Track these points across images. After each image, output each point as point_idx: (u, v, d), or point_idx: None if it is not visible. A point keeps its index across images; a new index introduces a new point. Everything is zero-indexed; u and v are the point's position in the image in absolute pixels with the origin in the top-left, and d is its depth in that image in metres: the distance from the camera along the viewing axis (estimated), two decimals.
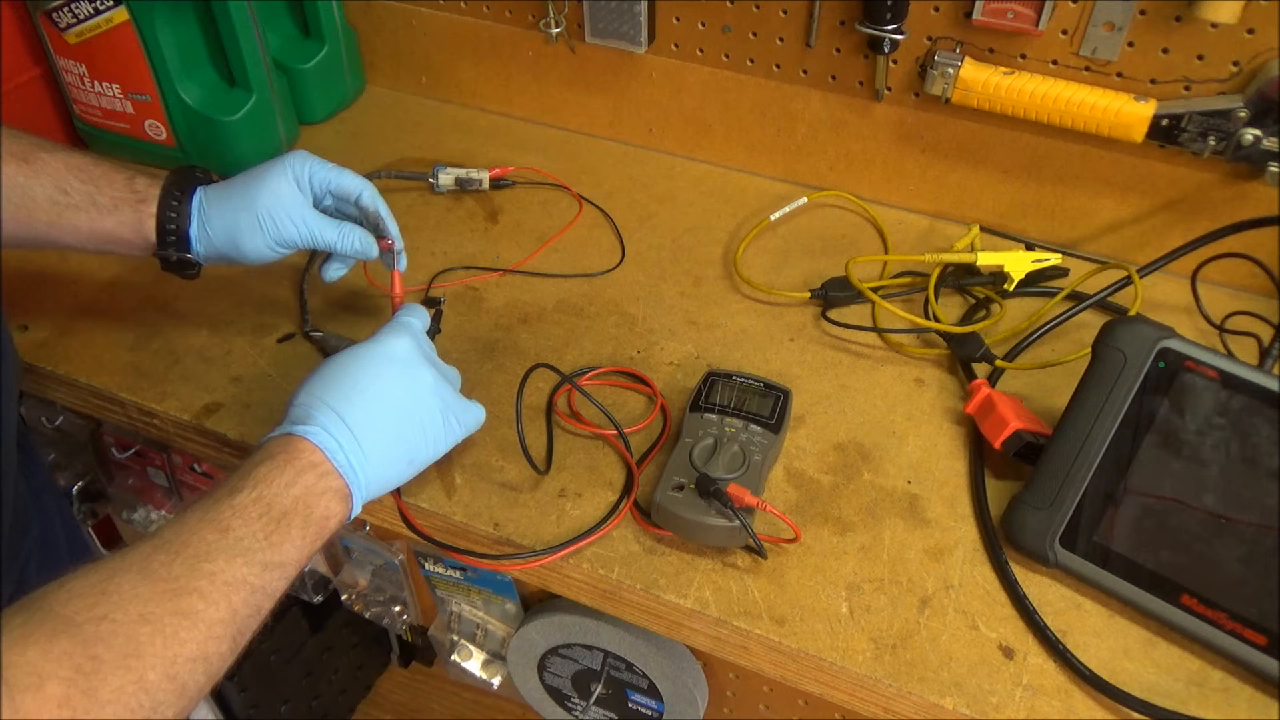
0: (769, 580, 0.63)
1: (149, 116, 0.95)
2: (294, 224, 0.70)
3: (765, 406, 0.71)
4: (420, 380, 0.61)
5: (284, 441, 0.56)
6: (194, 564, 0.49)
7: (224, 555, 0.50)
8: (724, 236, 0.92)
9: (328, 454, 0.56)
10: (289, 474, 0.54)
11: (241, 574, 0.50)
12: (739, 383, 0.72)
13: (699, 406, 0.71)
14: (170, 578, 0.48)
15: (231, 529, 0.51)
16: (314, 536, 0.54)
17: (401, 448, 0.60)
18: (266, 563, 0.51)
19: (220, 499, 0.52)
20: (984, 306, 0.82)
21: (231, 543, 0.51)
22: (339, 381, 0.59)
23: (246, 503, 0.52)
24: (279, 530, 0.52)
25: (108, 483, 1.00)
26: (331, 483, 0.56)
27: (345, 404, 0.58)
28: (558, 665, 1.00)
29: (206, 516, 0.51)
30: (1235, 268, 0.78)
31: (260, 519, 0.52)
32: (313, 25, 1.03)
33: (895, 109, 0.89)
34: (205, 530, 0.51)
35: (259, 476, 0.53)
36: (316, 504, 0.54)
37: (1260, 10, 0.71)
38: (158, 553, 0.49)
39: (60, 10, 0.89)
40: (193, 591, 0.48)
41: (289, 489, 0.54)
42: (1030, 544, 0.63)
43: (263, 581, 0.51)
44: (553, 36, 0.98)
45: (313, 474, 0.55)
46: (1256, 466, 0.57)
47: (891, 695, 0.59)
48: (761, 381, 0.73)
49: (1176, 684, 0.58)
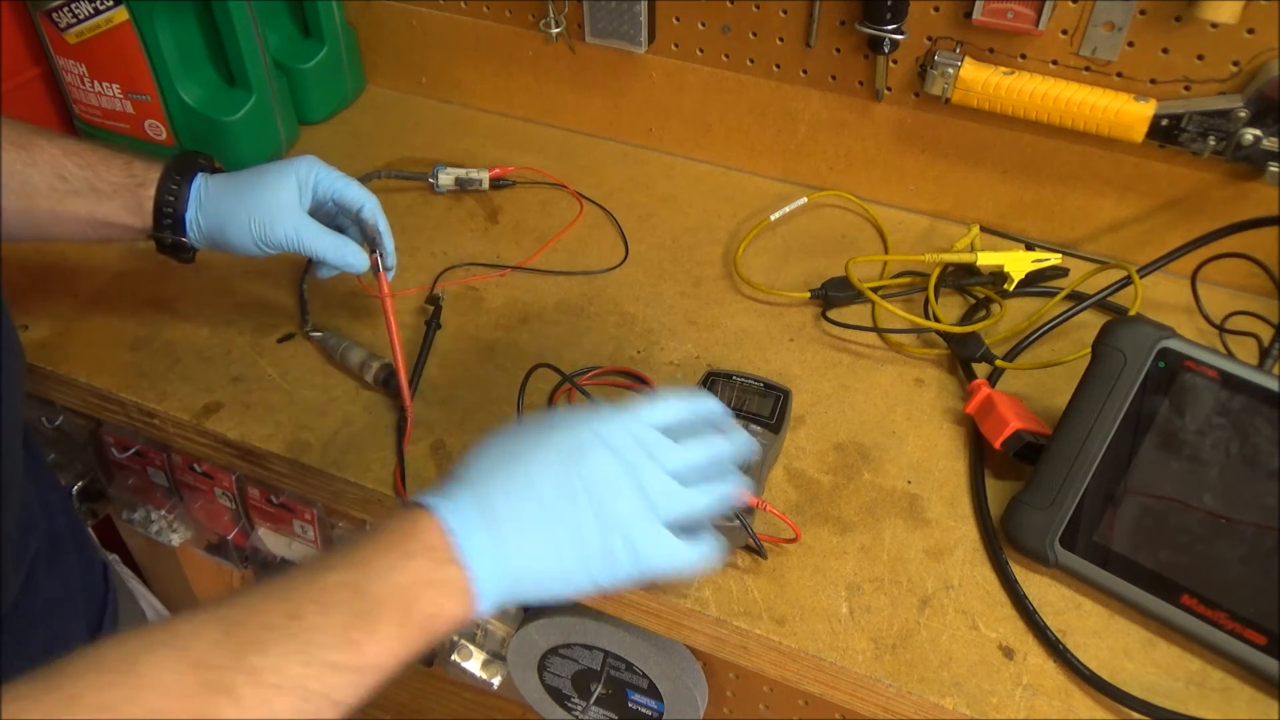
0: (769, 580, 0.63)
1: (149, 116, 0.95)
2: (283, 230, 0.69)
3: (765, 406, 0.70)
4: (592, 492, 0.48)
5: (408, 516, 0.47)
6: (240, 654, 0.40)
7: (280, 648, 0.41)
8: (724, 236, 0.92)
9: (454, 538, 0.46)
10: (395, 555, 0.45)
11: (296, 675, 0.41)
12: (739, 382, 0.72)
13: None
14: (207, 665, 0.40)
15: (304, 615, 0.42)
16: (411, 639, 0.44)
17: (554, 560, 0.48)
18: (335, 664, 0.42)
19: (312, 572, 0.44)
20: (984, 306, 0.82)
21: (298, 632, 0.41)
22: (503, 462, 0.49)
23: (333, 585, 0.43)
24: (362, 625, 0.43)
25: (108, 483, 1.00)
26: (448, 574, 0.45)
27: (497, 487, 0.48)
28: (558, 665, 1.00)
29: (283, 593, 0.43)
30: (1235, 268, 0.78)
31: (342, 607, 0.43)
32: (313, 25, 1.03)
33: (895, 109, 0.89)
34: (273, 610, 0.42)
35: (361, 557, 0.45)
36: (421, 596, 0.44)
37: (1260, 10, 0.71)
38: (212, 624, 0.41)
39: (60, 10, 0.89)
40: (225, 690, 0.39)
41: (389, 573, 0.44)
42: (1030, 544, 0.63)
43: (325, 686, 0.41)
44: (553, 36, 0.98)
45: (425, 559, 0.45)
46: (1256, 466, 0.57)
47: (891, 695, 0.59)
48: (761, 381, 0.73)
49: (1176, 684, 0.58)
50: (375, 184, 0.97)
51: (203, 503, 0.94)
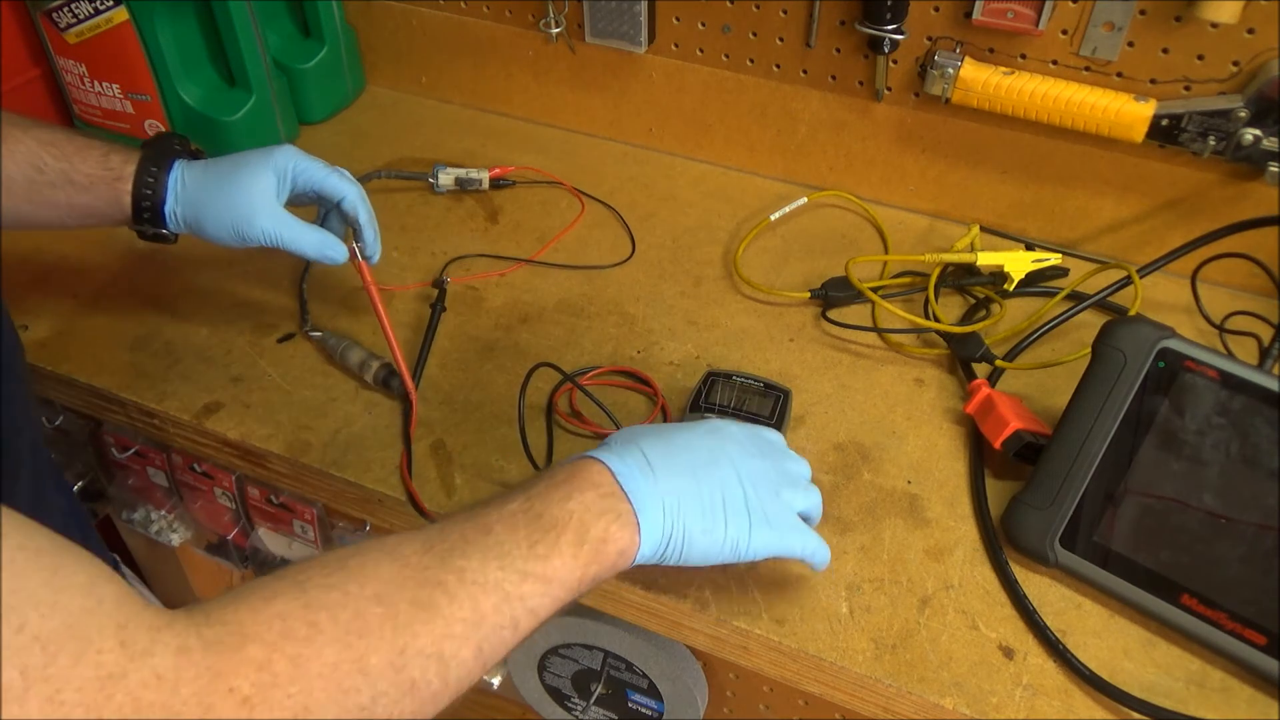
0: (769, 580, 0.63)
1: (149, 116, 0.95)
2: (261, 226, 0.68)
3: (765, 406, 0.71)
4: (735, 462, 0.55)
5: (571, 464, 0.52)
6: (445, 558, 0.46)
7: (479, 554, 0.46)
8: (724, 236, 0.92)
9: (618, 477, 0.51)
10: (565, 489, 0.50)
11: (495, 577, 0.46)
12: (739, 382, 0.72)
13: (699, 406, 0.70)
14: (418, 565, 0.45)
15: (493, 531, 0.48)
16: (589, 558, 0.49)
17: (703, 511, 0.53)
18: (526, 572, 0.47)
19: (491, 506, 0.50)
20: (984, 306, 0.82)
21: (491, 544, 0.47)
22: (651, 432, 0.55)
23: (515, 510, 0.49)
24: (546, 540, 0.48)
25: (108, 483, 1.00)
26: (614, 504, 0.50)
27: (652, 446, 0.53)
28: (558, 665, 1.00)
29: (471, 518, 0.49)
30: (1235, 268, 0.78)
31: (526, 526, 0.48)
32: (313, 25, 1.03)
33: (895, 109, 0.88)
34: (466, 528, 0.48)
35: (535, 491, 0.50)
36: (594, 523, 0.49)
37: (1260, 10, 0.71)
38: (412, 542, 0.46)
39: (60, 10, 0.89)
40: (437, 584, 0.44)
41: (564, 503, 0.49)
42: (1030, 544, 0.63)
43: (520, 591, 0.46)
44: (553, 36, 0.98)
45: (593, 493, 0.50)
46: (1256, 466, 0.57)
47: (891, 695, 0.59)
48: (761, 382, 0.73)
49: (1176, 684, 0.58)
50: (375, 184, 0.97)
51: (203, 503, 0.94)
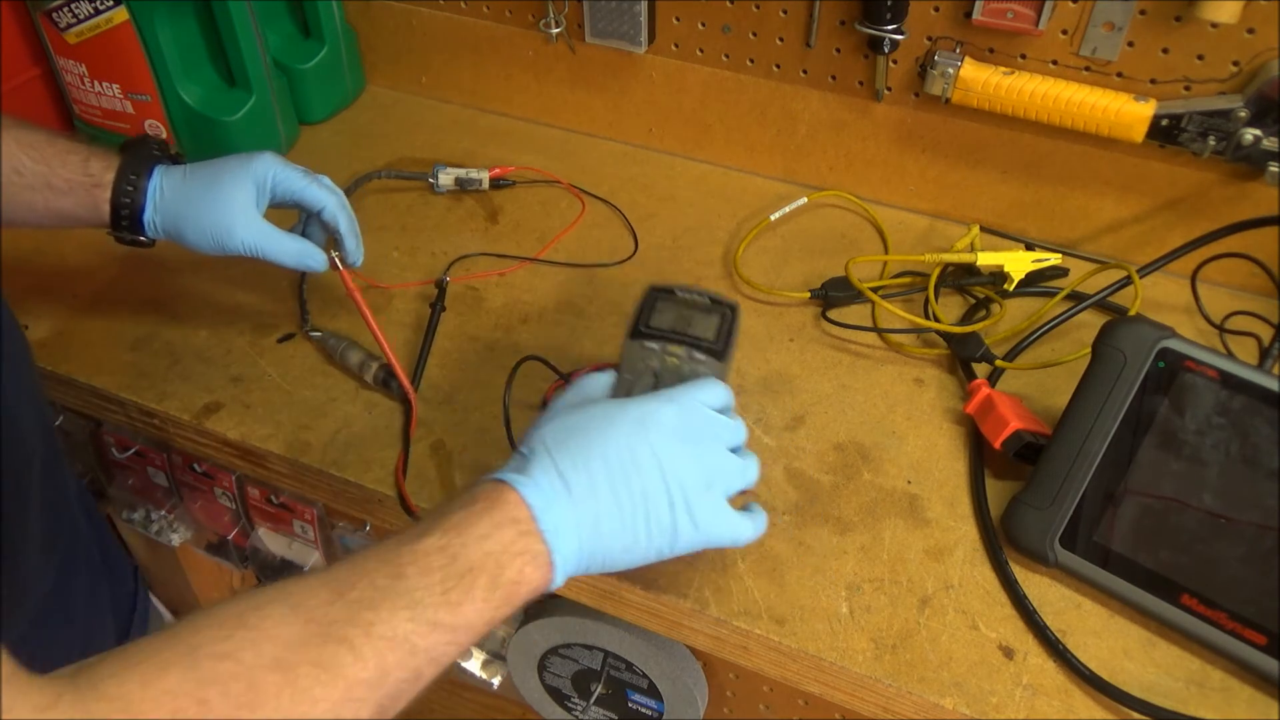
0: (769, 580, 0.63)
1: (149, 116, 0.95)
2: (241, 237, 0.68)
3: (710, 327, 0.61)
4: (661, 460, 0.51)
5: (492, 488, 0.50)
6: (354, 610, 0.43)
7: (389, 604, 0.44)
8: (724, 236, 0.92)
9: (534, 511, 0.49)
10: (484, 525, 0.48)
11: (404, 630, 0.44)
12: (683, 298, 0.63)
13: (639, 332, 0.62)
14: (324, 620, 0.42)
15: (406, 575, 0.45)
16: (499, 602, 0.47)
17: (622, 530, 0.51)
18: (436, 622, 0.45)
19: (406, 540, 0.47)
20: (984, 306, 0.82)
21: (403, 591, 0.45)
22: (573, 435, 0.52)
23: (431, 549, 0.46)
24: (459, 587, 0.46)
25: (108, 483, 1.00)
26: (531, 545, 0.48)
27: (570, 461, 0.51)
28: (558, 665, 1.00)
29: (385, 557, 0.46)
30: (1235, 268, 0.78)
31: (440, 570, 0.46)
32: (313, 25, 1.03)
33: (895, 109, 0.88)
34: (378, 572, 0.45)
35: (452, 524, 0.48)
36: (509, 565, 0.48)
37: (1260, 10, 0.71)
38: (321, 588, 0.44)
39: (60, 10, 0.89)
40: (342, 641, 0.42)
41: (481, 543, 0.47)
42: (1030, 544, 0.63)
43: (428, 643, 0.45)
44: (553, 36, 0.98)
45: (512, 530, 0.48)
46: (1256, 466, 0.57)
47: (891, 695, 0.59)
48: (708, 296, 0.63)
49: (1176, 684, 0.58)
50: (375, 184, 0.97)
51: (203, 503, 0.94)
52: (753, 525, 0.55)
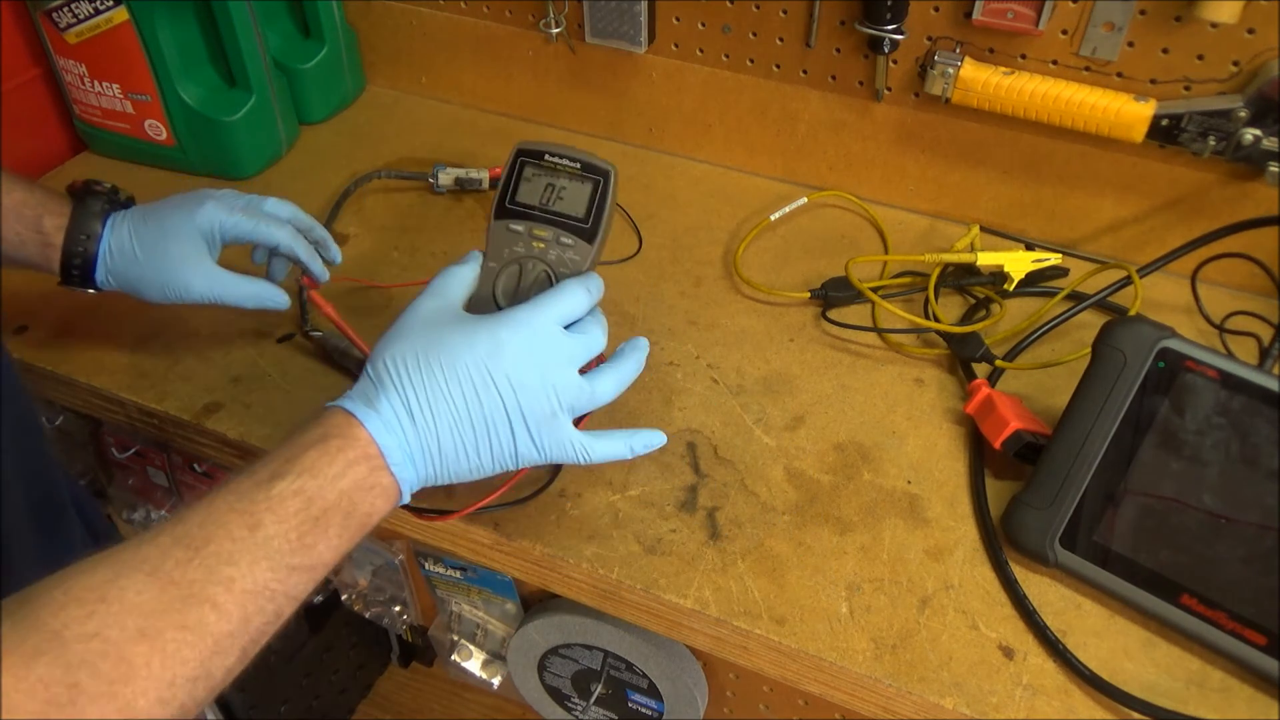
0: (769, 580, 0.63)
1: (149, 116, 0.95)
2: (199, 290, 0.69)
3: (579, 202, 0.54)
4: (505, 389, 0.52)
5: (343, 423, 0.50)
6: (212, 566, 0.44)
7: (248, 557, 0.45)
8: (724, 236, 0.92)
9: (383, 449, 0.50)
10: (339, 464, 0.49)
11: (264, 579, 0.45)
12: (553, 165, 0.56)
13: (504, 210, 0.56)
14: (183, 581, 0.43)
15: (262, 525, 0.46)
16: (352, 535, 0.50)
17: (465, 454, 0.53)
18: (294, 566, 0.47)
19: (260, 482, 0.48)
20: (984, 306, 0.82)
21: (259, 541, 0.46)
22: (422, 361, 0.52)
23: (286, 493, 0.47)
24: (315, 529, 0.48)
25: (108, 483, 1.00)
26: (382, 479, 0.51)
27: (415, 392, 0.51)
28: (558, 665, 1.00)
29: (238, 505, 0.47)
30: (1235, 268, 0.78)
31: (296, 515, 0.47)
32: (313, 25, 1.03)
33: (895, 109, 0.89)
34: (233, 523, 0.46)
35: (306, 465, 0.48)
36: (362, 500, 0.50)
37: (1260, 10, 0.71)
38: (176, 547, 0.44)
39: (60, 10, 0.89)
40: (205, 601, 0.43)
41: (336, 482, 0.49)
42: (1030, 544, 0.63)
43: (286, 586, 0.47)
44: (553, 36, 0.98)
45: (365, 467, 0.50)
46: (1256, 466, 0.57)
47: (891, 695, 0.59)
48: (580, 161, 0.56)
49: (1176, 684, 0.58)
50: (375, 184, 0.97)
51: None
52: (603, 447, 0.56)
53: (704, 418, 0.74)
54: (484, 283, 0.56)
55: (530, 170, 0.56)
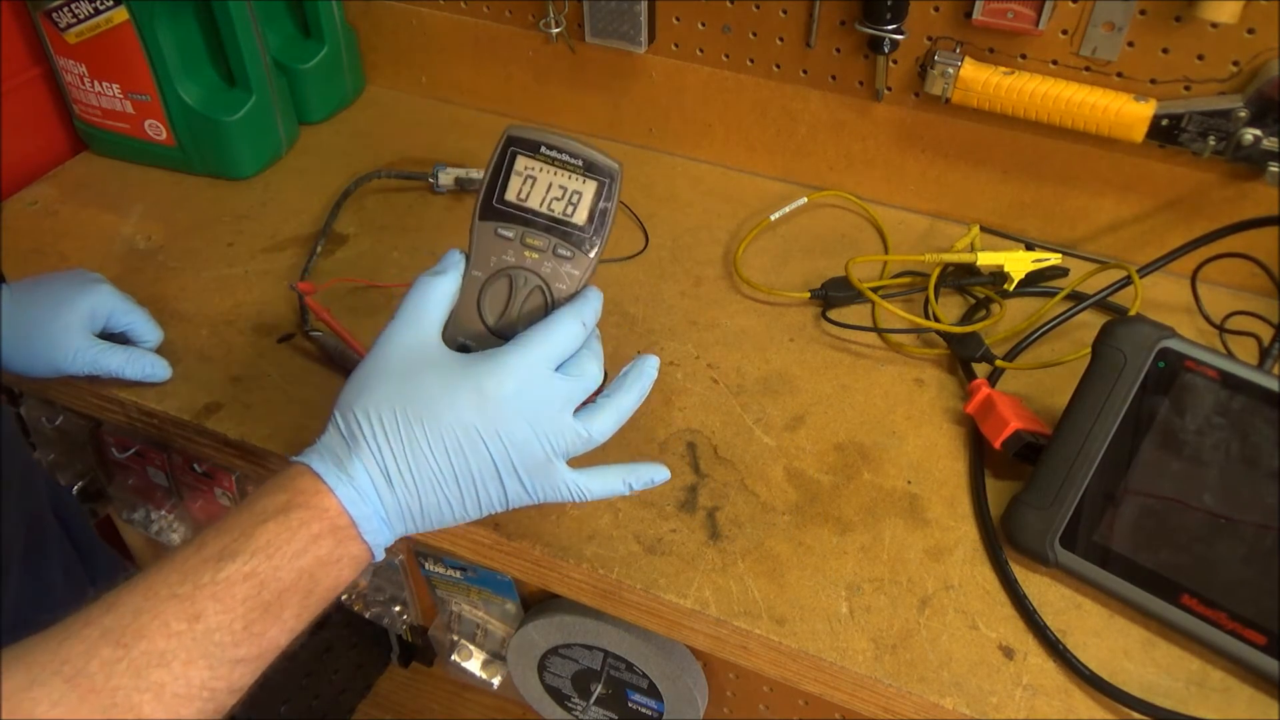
0: (769, 580, 0.63)
1: (149, 116, 0.95)
2: (80, 365, 0.70)
3: (583, 204, 0.48)
4: (494, 442, 0.47)
5: (309, 489, 0.45)
6: (141, 669, 0.39)
7: (183, 656, 0.40)
8: (724, 236, 0.92)
9: (356, 520, 0.45)
10: (300, 540, 0.43)
11: (200, 679, 0.40)
12: (549, 157, 0.49)
13: (493, 210, 0.49)
14: (105, 689, 0.38)
15: (204, 615, 0.40)
16: (311, 612, 0.44)
17: (450, 507, 0.48)
18: (239, 659, 0.41)
19: (208, 560, 0.42)
20: (984, 306, 0.82)
21: (199, 636, 0.40)
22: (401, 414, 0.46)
23: (235, 578, 0.41)
24: (266, 616, 0.42)
25: (108, 483, 1.00)
26: (351, 549, 0.45)
27: (393, 453, 0.46)
28: (558, 665, 1.00)
29: (180, 589, 0.41)
30: (1235, 268, 0.78)
31: (245, 603, 0.41)
32: (313, 25, 1.03)
33: (895, 109, 0.89)
34: (170, 613, 0.40)
35: (261, 542, 0.43)
36: (325, 576, 0.44)
37: (1260, 10, 0.71)
38: (104, 643, 0.39)
39: (60, 10, 0.89)
40: (129, 710, 0.38)
41: (295, 560, 0.43)
42: (1030, 544, 0.63)
43: (229, 681, 0.41)
44: (553, 36, 0.98)
45: (330, 540, 0.44)
46: (1256, 466, 0.57)
47: (891, 695, 0.59)
48: (581, 155, 0.50)
49: (1176, 684, 0.58)
50: (375, 184, 0.97)
51: (203, 503, 0.94)
52: (599, 485, 0.51)
53: (704, 418, 0.74)
54: (467, 294, 0.50)
55: (523, 163, 0.49)
